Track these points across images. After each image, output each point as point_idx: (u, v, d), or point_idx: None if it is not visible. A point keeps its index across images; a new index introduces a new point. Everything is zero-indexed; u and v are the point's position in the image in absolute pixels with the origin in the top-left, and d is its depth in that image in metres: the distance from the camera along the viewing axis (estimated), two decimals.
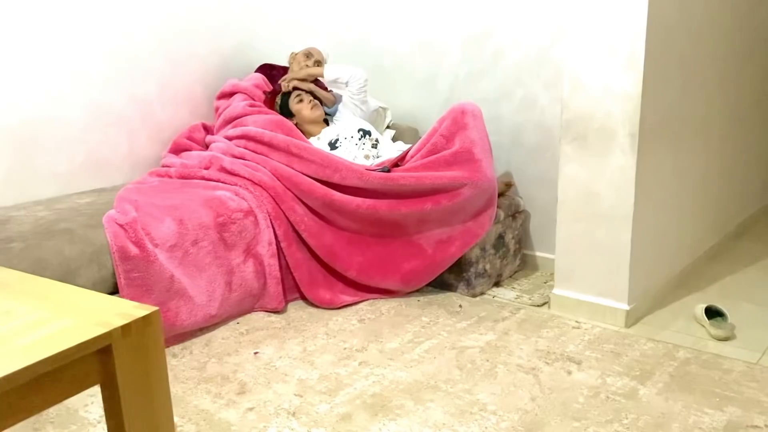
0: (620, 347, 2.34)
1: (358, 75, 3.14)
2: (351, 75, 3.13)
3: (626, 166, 2.41)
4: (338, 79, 3.15)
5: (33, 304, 1.06)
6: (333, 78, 3.16)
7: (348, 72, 3.14)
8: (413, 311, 2.70)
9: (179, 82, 3.30)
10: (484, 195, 2.75)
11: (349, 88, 3.16)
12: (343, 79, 3.14)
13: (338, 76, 3.15)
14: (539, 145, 3.12)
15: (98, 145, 3.00)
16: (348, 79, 3.13)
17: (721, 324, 2.44)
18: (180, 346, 2.43)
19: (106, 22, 2.95)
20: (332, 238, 2.81)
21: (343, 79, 3.14)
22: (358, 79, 3.14)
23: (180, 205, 2.55)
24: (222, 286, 2.56)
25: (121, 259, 2.30)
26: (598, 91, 2.42)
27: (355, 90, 3.15)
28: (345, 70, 3.15)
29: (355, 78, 3.13)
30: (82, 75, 2.90)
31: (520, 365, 2.23)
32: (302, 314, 2.70)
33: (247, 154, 2.94)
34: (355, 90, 3.15)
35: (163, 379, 1.05)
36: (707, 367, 2.19)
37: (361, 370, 2.22)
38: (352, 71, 3.14)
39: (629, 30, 2.31)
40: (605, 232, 2.51)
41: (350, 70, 3.15)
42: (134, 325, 0.99)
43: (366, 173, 2.75)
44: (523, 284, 3.02)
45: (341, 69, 3.17)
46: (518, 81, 3.12)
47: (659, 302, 2.73)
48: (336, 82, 3.17)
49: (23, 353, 0.89)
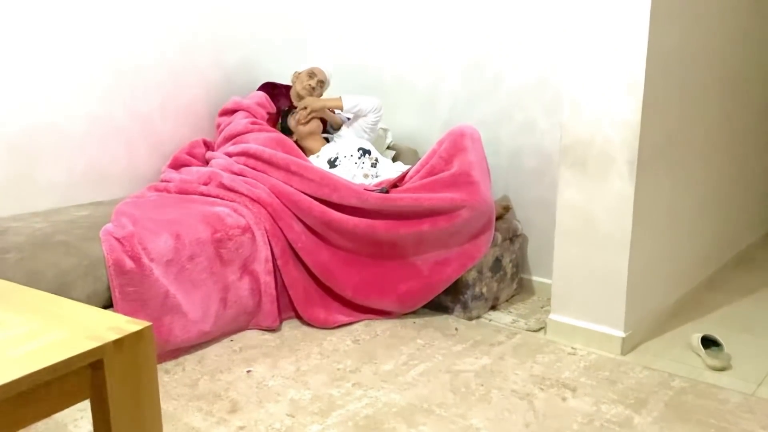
0: (616, 374, 2.33)
1: (377, 107, 3.19)
2: (372, 108, 3.18)
3: (625, 192, 2.42)
4: (360, 111, 3.19)
5: (26, 316, 1.05)
6: (354, 110, 3.20)
7: (367, 103, 3.18)
8: (408, 333, 2.68)
9: (181, 97, 3.32)
10: (482, 218, 2.75)
11: (366, 119, 3.21)
12: (364, 112, 3.19)
13: (358, 108, 3.19)
14: (538, 169, 3.13)
15: (98, 158, 3.00)
16: (368, 112, 3.19)
17: (717, 354, 2.43)
18: (173, 362, 2.41)
19: (109, 35, 2.97)
20: (329, 256, 2.81)
21: (364, 112, 3.19)
22: (375, 110, 3.19)
23: (177, 220, 2.54)
24: (217, 302, 2.55)
25: (117, 272, 2.29)
26: (597, 116, 2.43)
27: (371, 121, 3.20)
28: (364, 102, 3.19)
29: (373, 109, 3.19)
30: (84, 87, 2.91)
31: (515, 390, 2.21)
32: (297, 333, 2.68)
33: (246, 171, 2.94)
34: (372, 121, 3.21)
35: (155, 395, 1.04)
36: (703, 397, 2.18)
37: (354, 392, 2.20)
38: (371, 102, 3.19)
39: (629, 56, 2.33)
40: (603, 258, 2.50)
41: (369, 101, 3.19)
42: (127, 340, 0.98)
43: (364, 193, 2.75)
44: (519, 308, 3.01)
45: (360, 100, 3.20)
46: (518, 105, 3.14)
47: (656, 330, 2.72)
48: (355, 111, 3.21)
49: (14, 365, 0.88)
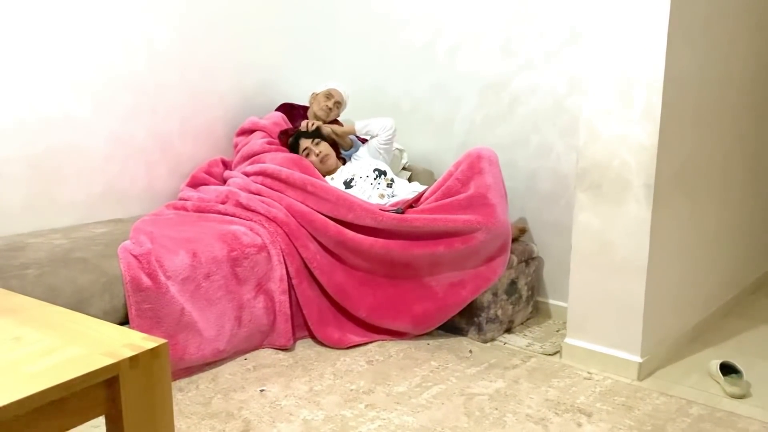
0: (632, 400, 2.30)
1: (387, 126, 3.22)
2: (381, 127, 3.22)
3: (641, 216, 2.40)
4: (369, 132, 3.23)
5: (43, 332, 1.07)
6: (363, 132, 3.24)
7: (378, 124, 3.22)
8: (422, 355, 2.67)
9: (200, 118, 3.36)
10: (498, 240, 2.75)
11: (378, 139, 3.23)
12: (373, 132, 3.23)
13: (369, 130, 3.23)
14: (554, 192, 3.12)
15: (118, 177, 3.05)
16: (378, 131, 3.22)
17: (736, 381, 2.39)
18: (187, 380, 2.41)
19: (130, 56, 3.03)
20: (344, 276, 2.81)
21: (373, 132, 3.23)
22: (387, 130, 3.22)
23: (194, 239, 2.56)
24: (232, 320, 2.56)
25: (134, 290, 2.31)
26: (614, 140, 2.43)
27: (383, 140, 3.23)
28: (374, 123, 3.23)
29: (384, 129, 3.22)
30: (105, 107, 2.97)
31: (530, 415, 2.19)
32: (310, 353, 2.68)
33: (263, 190, 2.97)
34: (383, 140, 3.23)
35: (168, 412, 1.04)
36: (721, 425, 2.14)
37: (367, 413, 2.19)
38: (382, 123, 3.23)
39: (646, 80, 2.33)
40: (619, 283, 2.48)
41: (380, 122, 3.23)
42: (142, 357, 0.99)
43: (380, 213, 2.76)
44: (534, 332, 2.99)
45: (371, 123, 3.24)
46: (534, 128, 3.15)
47: (673, 356, 2.68)
48: (367, 134, 3.24)
49: (30, 381, 0.90)
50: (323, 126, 3.28)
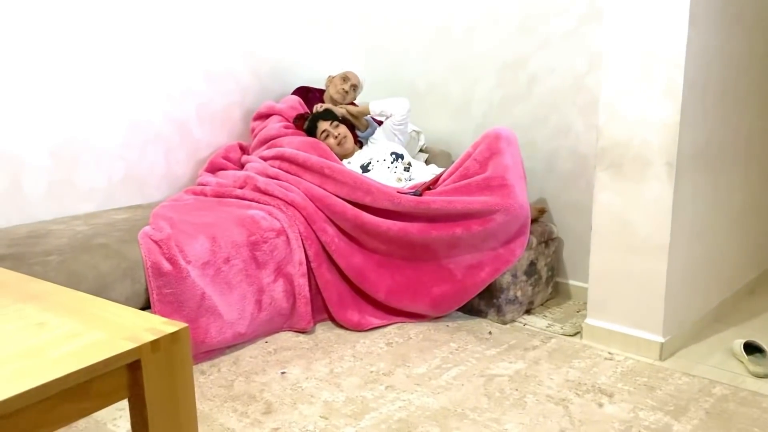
0: (654, 381, 2.28)
1: (402, 106, 3.20)
2: (396, 107, 3.19)
3: (663, 195, 2.37)
4: (383, 112, 3.21)
5: (66, 317, 1.08)
6: (378, 112, 3.22)
7: (392, 105, 3.20)
8: (442, 336, 2.67)
9: (217, 103, 3.37)
10: (517, 221, 2.73)
11: (392, 119, 3.21)
12: (388, 113, 3.21)
13: (383, 110, 3.21)
14: (573, 172, 3.09)
15: (137, 163, 3.07)
16: (392, 112, 3.20)
17: (760, 360, 2.36)
18: (208, 363, 2.44)
19: (147, 44, 3.04)
20: (362, 259, 2.81)
21: (387, 112, 3.21)
22: (401, 110, 3.20)
23: (214, 223, 2.58)
24: (252, 304, 2.58)
25: (155, 274, 2.33)
26: (634, 118, 2.39)
27: (397, 120, 3.20)
28: (389, 104, 3.21)
29: (399, 110, 3.20)
30: (123, 94, 2.98)
31: (550, 396, 2.19)
32: (330, 335, 2.69)
33: (281, 175, 2.97)
34: (398, 120, 3.20)
35: (190, 395, 1.05)
36: (745, 404, 2.12)
37: (387, 395, 2.20)
38: (397, 103, 3.20)
39: (667, 58, 2.29)
40: (640, 262, 2.46)
41: (394, 103, 3.21)
42: (163, 341, 1.00)
43: (397, 196, 2.75)
44: (555, 313, 2.97)
45: (386, 103, 3.22)
46: (553, 107, 3.11)
47: (695, 336, 2.66)
48: (381, 114, 3.22)
49: (54, 365, 0.91)
50: (335, 108, 3.26)
